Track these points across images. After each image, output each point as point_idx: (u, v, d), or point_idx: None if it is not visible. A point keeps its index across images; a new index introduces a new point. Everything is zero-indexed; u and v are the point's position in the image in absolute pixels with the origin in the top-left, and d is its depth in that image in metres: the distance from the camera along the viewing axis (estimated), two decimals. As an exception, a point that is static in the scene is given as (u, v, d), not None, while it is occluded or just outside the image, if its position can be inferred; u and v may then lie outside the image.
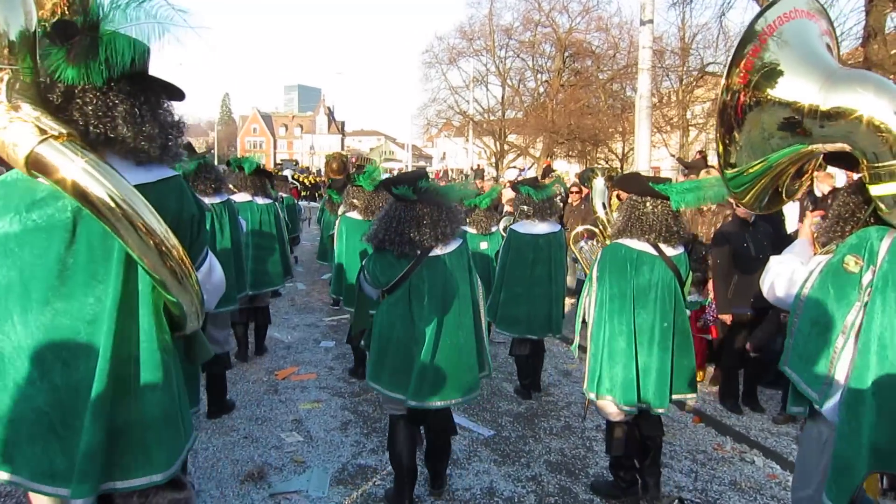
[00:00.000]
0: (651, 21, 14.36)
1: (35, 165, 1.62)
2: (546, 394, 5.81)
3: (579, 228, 6.07)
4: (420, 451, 3.89)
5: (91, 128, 1.75)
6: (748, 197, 2.39)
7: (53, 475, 1.78)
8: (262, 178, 6.62)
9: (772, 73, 2.15)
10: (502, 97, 34.93)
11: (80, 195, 1.64)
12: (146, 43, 1.80)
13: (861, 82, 2.06)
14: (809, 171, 2.57)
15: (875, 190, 2.06)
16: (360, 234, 5.50)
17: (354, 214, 5.97)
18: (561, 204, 9.12)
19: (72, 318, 1.78)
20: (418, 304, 3.39)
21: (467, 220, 6.45)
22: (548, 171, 21.13)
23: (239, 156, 8.91)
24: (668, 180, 3.90)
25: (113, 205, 1.65)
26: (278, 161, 57.51)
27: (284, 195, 11.04)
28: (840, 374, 2.14)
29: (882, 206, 2.07)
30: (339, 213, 6.56)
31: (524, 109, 33.22)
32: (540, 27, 31.10)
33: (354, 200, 6.03)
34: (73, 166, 1.62)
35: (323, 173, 38.41)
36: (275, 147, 78.09)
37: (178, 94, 1.99)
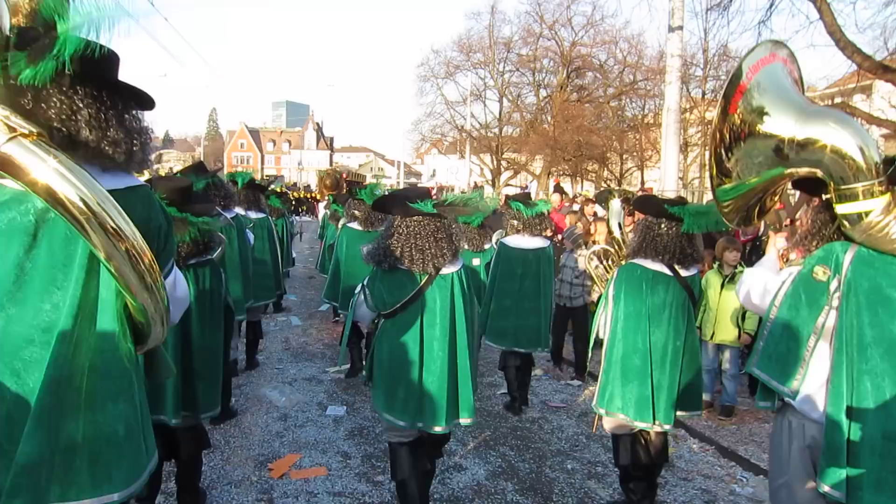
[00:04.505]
0: (681, 28, 13.12)
1: (2, 164, 1.57)
2: None
3: (595, 247, 5.89)
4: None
5: (55, 130, 1.71)
6: (729, 211, 2.67)
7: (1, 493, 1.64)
8: (255, 192, 6.72)
9: (757, 111, 2.49)
10: (500, 113, 33.62)
11: (50, 195, 1.60)
12: (102, 36, 1.69)
13: (827, 117, 2.39)
14: (778, 194, 2.81)
15: (840, 209, 2.33)
16: (360, 244, 5.84)
17: (355, 225, 6.52)
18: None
19: (26, 326, 1.68)
20: (430, 325, 3.28)
21: None
22: (557, 188, 19.70)
23: (226, 171, 8.55)
24: (685, 202, 3.91)
25: (83, 206, 1.62)
26: (265, 175, 55.95)
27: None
28: (815, 370, 2.36)
29: (846, 223, 2.33)
30: (340, 224, 7.03)
31: (523, 125, 31.93)
32: (542, 39, 29.85)
33: (355, 212, 6.57)
34: (45, 166, 1.58)
35: (314, 189, 37.36)
36: (262, 162, 76.14)
37: (148, 103, 1.95)
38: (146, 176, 3.97)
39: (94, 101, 1.77)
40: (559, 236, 9.39)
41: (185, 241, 3.35)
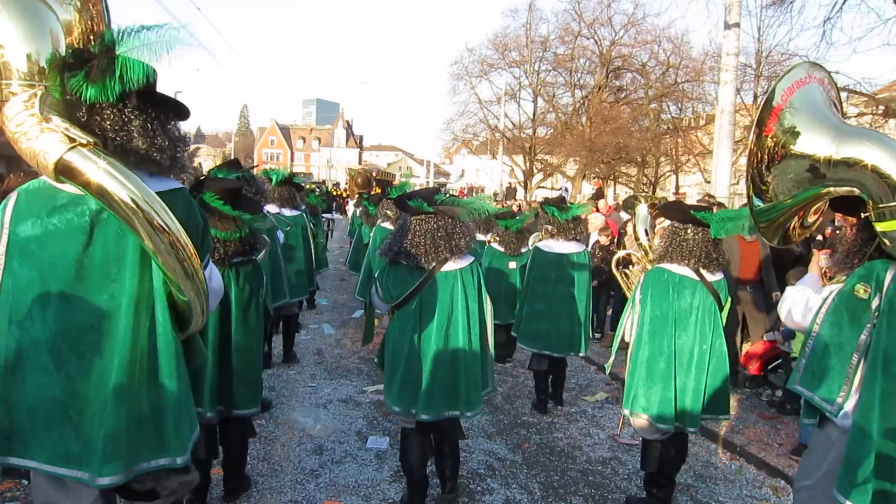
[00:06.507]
0: (738, 25, 12.28)
1: (64, 171, 1.80)
2: None
3: (620, 253, 5.78)
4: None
5: (109, 140, 1.93)
6: (770, 231, 2.68)
7: (69, 458, 1.93)
8: (290, 190, 6.54)
9: (792, 132, 2.51)
10: (534, 113, 32.73)
11: (105, 196, 1.83)
12: (157, 60, 1.94)
13: (865, 137, 2.43)
14: (819, 214, 2.80)
15: (880, 227, 2.31)
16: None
17: (388, 224, 6.96)
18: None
19: (87, 314, 1.93)
20: (428, 318, 3.42)
21: (496, 239, 6.76)
22: (599, 194, 18.90)
23: (253, 166, 8.68)
24: (709, 208, 3.96)
25: (133, 204, 1.83)
26: (292, 172, 55.94)
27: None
28: (856, 388, 2.34)
29: (886, 241, 2.31)
30: (376, 224, 7.41)
31: (559, 126, 31.01)
32: (580, 38, 28.93)
33: (388, 212, 7.06)
34: (99, 170, 1.81)
35: (342, 187, 37.06)
36: (292, 159, 76.17)
37: (183, 113, 2.15)
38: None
39: (140, 113, 1.99)
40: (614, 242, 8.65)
41: (235, 238, 3.35)
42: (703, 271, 3.68)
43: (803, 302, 2.68)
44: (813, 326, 2.49)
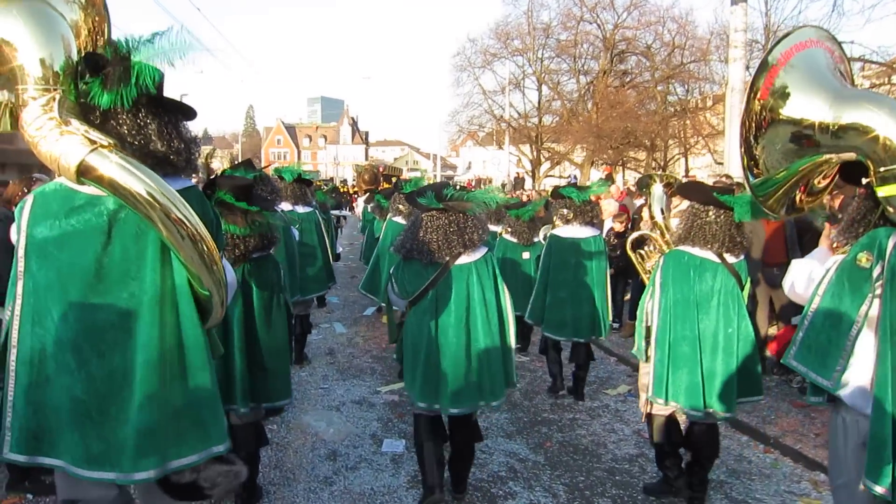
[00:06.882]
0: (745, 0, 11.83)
1: (86, 172, 1.82)
2: None
3: (635, 234, 5.68)
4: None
5: (127, 144, 1.96)
6: (771, 201, 2.54)
7: (89, 459, 1.92)
8: (302, 187, 6.64)
9: (785, 95, 2.37)
10: (539, 101, 32.33)
11: (126, 193, 1.84)
12: (171, 67, 2.01)
13: (864, 100, 2.32)
14: (826, 187, 2.68)
15: (882, 192, 2.22)
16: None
17: (399, 219, 7.08)
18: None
19: (108, 313, 1.94)
20: (445, 312, 3.41)
21: (508, 230, 6.69)
22: (609, 179, 18.61)
23: (263, 166, 8.52)
24: (732, 190, 3.82)
25: (150, 198, 1.85)
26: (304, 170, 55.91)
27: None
28: (857, 361, 2.25)
29: (889, 207, 2.22)
30: (387, 218, 7.53)
31: (565, 113, 30.61)
32: (583, 23, 28.52)
33: (400, 206, 7.12)
34: (116, 167, 1.83)
35: (350, 183, 36.96)
36: (299, 158, 75.84)
37: (190, 114, 2.18)
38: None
39: (155, 116, 2.03)
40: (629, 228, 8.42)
41: (255, 234, 3.32)
42: (726, 255, 3.58)
43: (806, 274, 2.59)
44: (814, 298, 2.39)
